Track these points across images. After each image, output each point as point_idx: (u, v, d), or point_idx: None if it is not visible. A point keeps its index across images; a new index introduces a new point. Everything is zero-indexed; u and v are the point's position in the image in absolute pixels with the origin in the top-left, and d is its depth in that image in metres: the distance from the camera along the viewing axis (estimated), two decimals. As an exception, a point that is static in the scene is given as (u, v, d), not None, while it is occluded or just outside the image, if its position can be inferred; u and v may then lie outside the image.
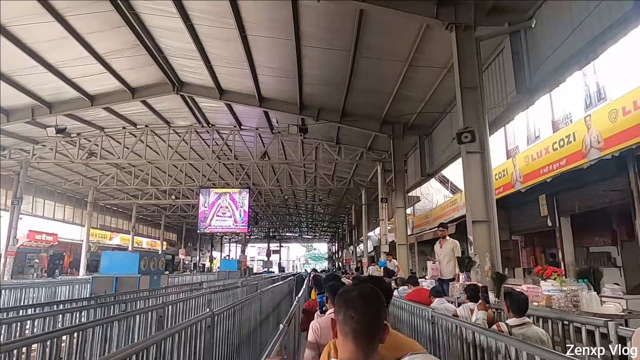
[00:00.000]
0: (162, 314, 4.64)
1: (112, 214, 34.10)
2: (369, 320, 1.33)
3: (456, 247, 6.92)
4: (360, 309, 1.34)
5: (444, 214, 16.93)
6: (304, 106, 14.47)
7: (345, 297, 1.40)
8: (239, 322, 5.19)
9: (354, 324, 1.32)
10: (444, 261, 6.91)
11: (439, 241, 7.20)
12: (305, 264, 77.19)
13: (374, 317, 1.34)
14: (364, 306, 1.34)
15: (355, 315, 1.32)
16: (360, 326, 1.32)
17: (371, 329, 1.33)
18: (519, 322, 3.48)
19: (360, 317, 1.32)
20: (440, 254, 7.05)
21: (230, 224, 23.53)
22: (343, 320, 1.35)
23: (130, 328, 4.24)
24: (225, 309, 4.22)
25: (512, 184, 11.21)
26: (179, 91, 14.52)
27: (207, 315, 3.76)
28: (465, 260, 6.30)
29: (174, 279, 17.95)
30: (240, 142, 19.31)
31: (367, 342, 1.32)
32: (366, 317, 1.33)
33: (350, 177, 23.38)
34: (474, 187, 7.25)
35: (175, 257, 47.64)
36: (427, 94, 12.05)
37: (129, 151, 18.20)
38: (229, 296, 8.56)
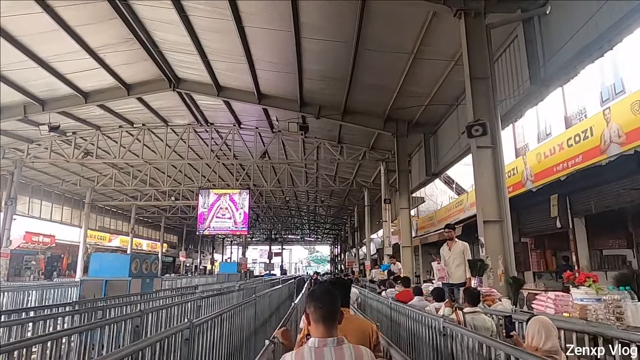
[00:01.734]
0: (140, 323, 4.14)
1: (111, 215, 33.66)
2: (329, 309, 1.94)
3: (466, 249, 6.39)
4: (322, 302, 1.96)
5: (450, 215, 16.35)
6: (305, 103, 13.98)
7: (312, 295, 2.04)
8: (229, 331, 4.68)
9: (320, 312, 1.93)
10: (453, 265, 6.37)
11: (447, 243, 6.66)
12: (307, 267, 76.61)
13: (332, 307, 1.96)
14: (325, 300, 1.97)
15: (321, 306, 1.94)
16: (323, 313, 1.93)
17: (331, 315, 1.94)
18: (471, 310, 4.40)
19: (324, 307, 1.94)
20: (448, 257, 6.51)
21: (230, 225, 23.03)
22: (313, 310, 1.95)
23: (98, 340, 3.74)
24: (207, 319, 3.70)
25: (522, 183, 10.64)
26: (175, 88, 14.06)
27: (185, 326, 3.25)
28: (477, 263, 5.77)
29: (171, 282, 17.44)
30: (240, 141, 18.81)
31: (330, 324, 1.93)
32: (327, 307, 1.95)
33: (353, 177, 22.85)
34: (485, 185, 6.73)
35: (176, 259, 47.24)
36: (432, 89, 11.53)
37: (125, 150, 17.73)
38: (222, 301, 8.04)
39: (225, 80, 13.54)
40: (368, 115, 14.03)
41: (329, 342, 1.88)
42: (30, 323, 4.30)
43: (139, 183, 23.71)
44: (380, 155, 17.63)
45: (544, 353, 2.85)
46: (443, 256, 6.65)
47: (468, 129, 6.59)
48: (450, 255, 6.46)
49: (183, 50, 11.92)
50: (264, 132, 18.47)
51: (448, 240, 6.62)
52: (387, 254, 16.53)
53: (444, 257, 6.64)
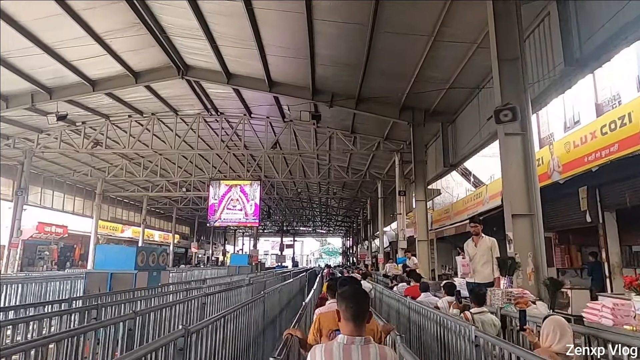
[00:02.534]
0: (134, 326, 3.73)
1: (123, 206, 33.70)
2: (360, 309, 2.06)
3: (494, 245, 5.82)
4: (354, 302, 2.07)
5: (467, 208, 15.74)
6: (317, 91, 13.45)
7: (344, 295, 2.14)
8: (233, 334, 4.25)
9: (351, 312, 2.04)
10: (480, 262, 5.81)
11: (472, 239, 6.09)
12: (319, 259, 76.52)
13: (363, 306, 2.09)
14: (356, 300, 2.08)
15: (352, 307, 2.05)
16: (354, 312, 2.04)
17: (361, 314, 2.06)
18: (478, 310, 4.62)
19: (354, 307, 2.06)
20: (473, 254, 5.95)
21: (241, 217, 22.74)
22: (344, 309, 2.07)
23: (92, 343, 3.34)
24: (204, 325, 3.26)
25: (548, 175, 9.99)
26: (184, 75, 13.64)
27: (178, 334, 2.81)
28: (507, 262, 5.22)
29: (180, 274, 17.19)
30: (251, 131, 18.38)
31: (359, 322, 2.05)
32: (357, 306, 2.06)
33: (366, 169, 22.30)
34: (514, 175, 6.16)
35: (189, 251, 47.38)
36: (452, 74, 10.90)
37: (135, 140, 17.45)
38: (230, 297, 7.65)
39: (234, 67, 13.07)
40: (383, 104, 13.44)
41: (357, 341, 1.99)
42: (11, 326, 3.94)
43: (149, 174, 23.53)
44: (395, 146, 17.05)
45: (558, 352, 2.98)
46: (467, 253, 6.09)
47: (496, 113, 6.01)
48: (476, 252, 5.90)
49: (191, 36, 11.46)
50: (275, 122, 18.02)
51: (474, 236, 6.05)
52: (402, 247, 16.01)
53: (468, 254, 6.08)
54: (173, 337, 2.77)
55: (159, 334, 4.30)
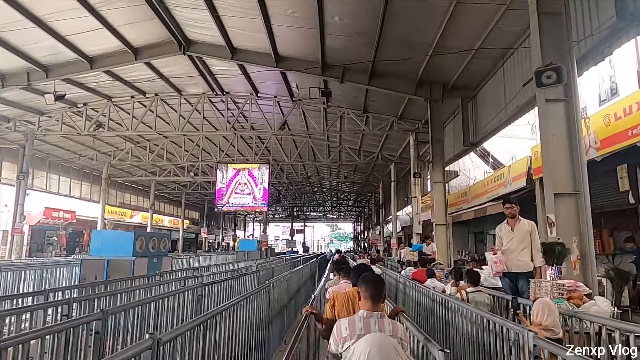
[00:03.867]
0: (101, 329, 3.03)
1: (131, 191, 33.36)
2: (376, 290, 2.63)
3: (534, 230, 4.96)
4: (372, 284, 2.66)
5: (487, 190, 14.85)
6: (327, 66, 12.55)
7: (365, 279, 2.72)
8: (227, 334, 3.54)
9: (370, 292, 2.61)
10: (517, 249, 4.97)
11: (507, 222, 5.23)
12: (330, 244, 76.16)
13: (379, 289, 2.67)
14: (374, 284, 2.66)
15: (370, 288, 2.63)
16: (373, 292, 2.61)
17: (377, 295, 2.63)
18: (473, 289, 5.08)
19: (373, 288, 2.63)
20: (509, 240, 5.09)
21: (249, 201, 22.09)
22: (365, 291, 2.63)
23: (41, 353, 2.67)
24: (180, 333, 2.53)
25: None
26: (185, 50, 12.84)
27: (145, 346, 2.09)
28: (555, 248, 4.40)
29: (185, 260, 16.66)
30: (258, 112, 17.58)
31: (376, 301, 2.61)
32: (375, 288, 2.63)
33: (378, 151, 21.40)
34: (557, 148, 5.31)
35: (199, 236, 47.17)
36: (475, 44, 9.91)
37: (138, 122, 16.78)
38: (232, 287, 6.98)
39: (239, 40, 12.22)
40: (398, 78, 12.50)
41: (374, 315, 2.55)
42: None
43: (156, 157, 22.97)
44: (410, 126, 16.14)
45: (544, 327, 3.37)
46: (500, 238, 5.23)
47: (537, 75, 5.13)
48: (512, 236, 5.05)
49: (191, 5, 10.62)
50: (283, 102, 17.19)
51: (509, 219, 5.19)
52: (417, 232, 15.26)
53: (501, 240, 5.23)
54: (136, 350, 2.05)
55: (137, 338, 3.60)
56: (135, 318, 3.66)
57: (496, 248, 5.31)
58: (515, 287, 4.90)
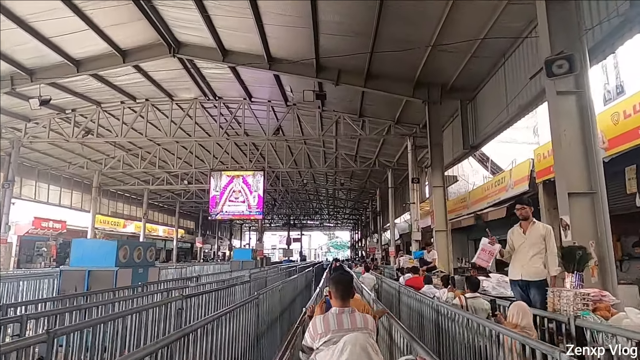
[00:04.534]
0: (47, 352, 2.53)
1: (124, 200, 32.75)
2: (345, 289, 2.86)
3: (549, 234, 4.47)
4: (341, 284, 2.88)
5: (488, 195, 14.42)
6: (322, 68, 12.18)
7: (334, 280, 2.96)
8: (206, 354, 3.05)
9: (339, 292, 2.83)
10: (529, 254, 4.44)
11: (520, 225, 4.77)
12: (327, 253, 75.46)
13: (348, 287, 2.89)
14: (343, 283, 2.89)
15: (340, 289, 2.84)
16: (342, 292, 2.83)
17: (346, 293, 2.85)
18: (472, 295, 5.17)
19: (342, 289, 2.85)
20: (520, 244, 4.62)
21: (243, 209, 21.57)
22: (335, 291, 2.84)
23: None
24: (140, 356, 2.04)
25: (589, 153, 8.66)
26: (175, 53, 12.42)
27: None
28: (575, 253, 3.93)
29: (176, 270, 16.11)
30: (252, 117, 17.16)
31: (346, 298, 2.84)
32: (344, 287, 2.86)
33: (375, 157, 21.01)
34: (569, 145, 4.89)
35: (194, 246, 46.46)
36: (474, 43, 9.55)
37: (128, 128, 16.31)
38: (220, 298, 6.46)
39: (230, 42, 11.82)
40: (395, 80, 12.13)
41: (346, 311, 2.75)
42: None
43: (148, 165, 22.47)
44: (407, 130, 15.74)
45: (521, 329, 3.48)
46: (511, 242, 4.76)
47: (547, 64, 4.72)
48: (524, 240, 4.58)
49: (179, 4, 10.23)
50: (277, 106, 16.79)
51: (521, 221, 4.72)
52: (416, 239, 14.77)
53: (512, 244, 4.75)
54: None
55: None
56: (96, 337, 3.16)
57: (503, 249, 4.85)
58: (527, 297, 4.41)
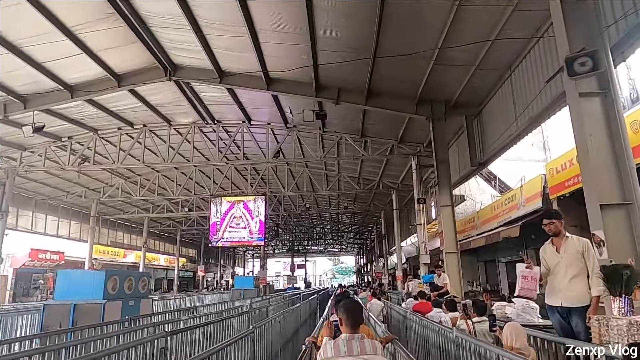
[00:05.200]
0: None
1: (124, 229, 32.18)
2: (355, 317, 2.91)
3: (588, 248, 3.83)
4: (352, 312, 2.93)
5: (498, 214, 13.83)
6: (321, 87, 11.86)
7: (344, 308, 2.96)
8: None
9: (350, 320, 2.87)
10: (567, 276, 3.81)
11: (551, 241, 4.13)
12: (332, 279, 74.00)
13: (358, 315, 2.95)
14: (353, 311, 2.94)
15: (350, 317, 2.88)
16: (352, 320, 2.88)
17: (355, 321, 2.90)
18: (479, 319, 5.08)
19: (352, 317, 2.89)
20: (555, 264, 4.02)
21: (245, 235, 20.98)
22: (346, 318, 2.87)
23: None
24: None
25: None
26: (171, 76, 12.16)
27: None
28: (622, 273, 3.34)
29: (175, 301, 15.39)
30: (251, 141, 16.81)
31: (355, 326, 2.87)
32: (355, 314, 2.93)
33: (379, 178, 20.53)
34: (597, 150, 4.39)
35: (197, 274, 45.50)
36: (479, 53, 9.19)
37: (125, 154, 15.95)
38: (216, 332, 5.85)
39: (227, 62, 11.55)
40: (397, 97, 11.77)
41: (356, 337, 2.79)
42: None
43: (147, 193, 22.03)
44: (411, 149, 15.30)
45: (516, 350, 3.43)
46: (545, 262, 4.16)
47: (569, 63, 4.28)
48: (559, 260, 3.97)
49: (174, 25, 9.98)
50: (277, 129, 16.45)
51: (553, 237, 4.14)
52: (424, 262, 14.10)
53: (546, 264, 4.16)
54: None
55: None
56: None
57: (541, 270, 4.21)
58: (569, 326, 3.79)
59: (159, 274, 39.70)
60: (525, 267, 4.20)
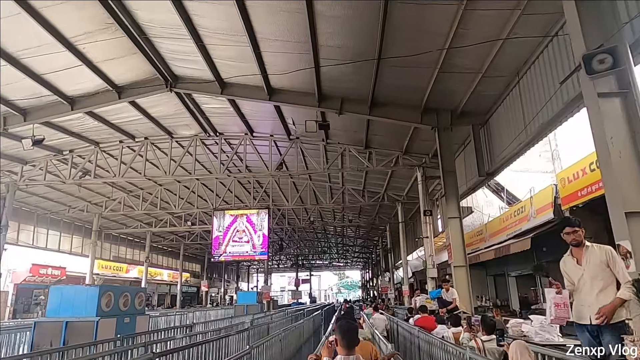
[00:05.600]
0: None
1: (127, 244, 31.91)
2: (350, 338, 2.99)
3: (613, 257, 3.49)
4: (347, 334, 3.00)
5: (507, 227, 13.43)
6: (324, 97, 11.65)
7: (340, 329, 3.05)
8: None
9: (345, 341, 2.96)
10: (593, 290, 3.46)
11: (571, 252, 3.74)
12: (337, 293, 73.10)
13: (353, 336, 3.01)
14: (349, 333, 3.01)
15: (346, 338, 2.97)
16: (347, 341, 2.96)
17: (352, 342, 2.98)
18: (487, 338, 5.09)
19: (347, 339, 2.98)
20: (578, 278, 3.60)
21: (247, 249, 20.62)
22: (341, 339, 2.98)
23: None
24: None
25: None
26: (172, 87, 12.01)
27: None
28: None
29: (176, 317, 15.00)
30: (254, 153, 16.59)
31: (350, 347, 2.95)
32: (349, 337, 2.99)
33: (384, 191, 20.20)
34: (619, 154, 4.06)
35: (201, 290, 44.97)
36: (485, 60, 8.94)
37: (126, 167, 15.76)
38: (211, 352, 5.49)
39: (228, 73, 11.38)
40: (401, 107, 11.52)
41: (351, 358, 2.89)
42: None
43: (149, 207, 21.79)
44: (417, 160, 15.00)
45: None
46: (568, 277, 3.79)
47: (587, 60, 3.99)
48: (582, 273, 3.61)
49: (174, 35, 9.84)
50: (279, 141, 16.23)
51: (573, 247, 3.80)
52: (432, 276, 13.66)
53: (569, 279, 3.80)
54: None
55: None
56: None
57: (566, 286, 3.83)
58: (600, 346, 3.39)
59: (162, 289, 39.27)
60: (556, 293, 3.77)
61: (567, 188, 9.51)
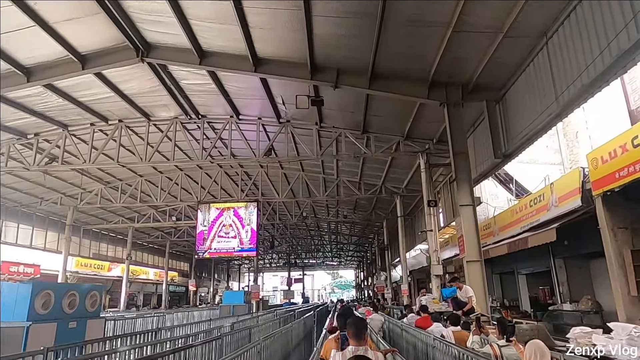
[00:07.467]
0: None
1: (108, 241, 30.18)
2: (359, 330, 3.31)
3: None
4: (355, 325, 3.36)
5: (521, 218, 12.07)
6: (318, 68, 10.19)
7: (350, 322, 3.46)
8: None
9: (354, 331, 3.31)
10: None
11: None
12: (331, 293, 71.66)
13: (362, 328, 3.35)
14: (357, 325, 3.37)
15: (354, 329, 3.33)
16: (357, 332, 3.30)
17: (359, 333, 3.30)
18: (504, 343, 4.74)
19: (355, 329, 3.32)
20: None
21: (235, 245, 19.11)
22: (352, 331, 3.32)
23: None
24: None
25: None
26: (144, 57, 10.49)
27: None
28: None
29: (152, 319, 13.43)
30: (241, 140, 15.05)
31: (359, 338, 3.27)
32: (358, 328, 3.32)
33: (381, 183, 18.77)
34: None
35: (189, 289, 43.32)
36: (506, 20, 7.54)
37: (98, 153, 14.19)
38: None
39: (207, 39, 9.88)
40: (406, 79, 10.09)
41: (360, 349, 3.17)
42: None
43: (129, 199, 20.20)
44: (419, 146, 13.58)
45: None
46: None
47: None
48: None
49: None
50: (268, 125, 14.75)
51: None
52: (436, 273, 12.25)
53: None
54: None
55: None
56: None
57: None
58: None
59: (148, 288, 37.60)
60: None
61: (600, 170, 8.14)
